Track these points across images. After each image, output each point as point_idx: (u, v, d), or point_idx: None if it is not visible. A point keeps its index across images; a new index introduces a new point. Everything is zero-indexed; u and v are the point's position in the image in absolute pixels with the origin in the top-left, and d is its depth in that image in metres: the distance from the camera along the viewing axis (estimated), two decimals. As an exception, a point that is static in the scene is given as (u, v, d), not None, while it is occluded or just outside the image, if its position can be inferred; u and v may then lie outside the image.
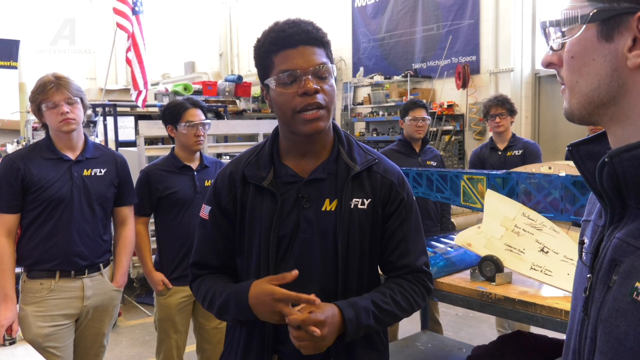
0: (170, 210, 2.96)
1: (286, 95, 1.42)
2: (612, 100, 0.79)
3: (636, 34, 0.74)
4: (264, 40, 1.46)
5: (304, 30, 1.42)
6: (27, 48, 9.57)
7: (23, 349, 2.35)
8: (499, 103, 4.11)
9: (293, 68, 1.41)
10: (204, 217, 1.62)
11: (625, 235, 0.77)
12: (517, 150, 4.13)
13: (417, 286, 1.56)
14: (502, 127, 4.13)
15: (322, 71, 1.43)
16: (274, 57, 1.43)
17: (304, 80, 1.40)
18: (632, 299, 0.73)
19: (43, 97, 2.44)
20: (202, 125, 2.95)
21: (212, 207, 1.60)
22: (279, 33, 1.43)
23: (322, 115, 1.43)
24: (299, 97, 1.41)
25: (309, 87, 1.40)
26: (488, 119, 4.20)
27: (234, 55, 13.34)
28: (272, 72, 1.44)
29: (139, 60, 5.84)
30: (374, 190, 1.55)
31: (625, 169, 0.75)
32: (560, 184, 2.26)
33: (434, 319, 4.02)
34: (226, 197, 1.57)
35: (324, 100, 1.43)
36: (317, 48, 1.44)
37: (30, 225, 2.50)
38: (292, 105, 1.42)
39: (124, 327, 5.01)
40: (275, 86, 1.43)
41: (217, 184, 1.61)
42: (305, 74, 1.40)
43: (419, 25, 9.02)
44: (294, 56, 1.41)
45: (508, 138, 4.19)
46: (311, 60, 1.42)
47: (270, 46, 1.44)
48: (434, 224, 3.94)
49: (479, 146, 4.50)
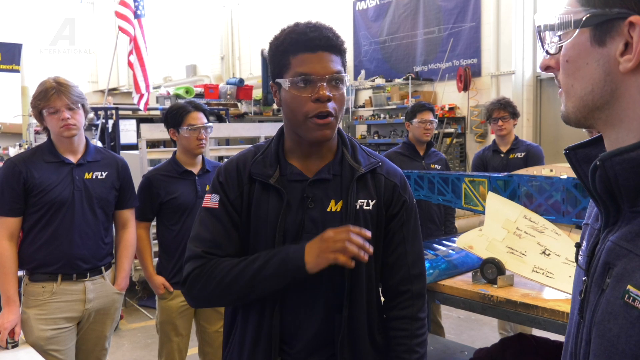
0: (172, 215, 2.96)
1: (300, 98, 1.42)
2: (606, 104, 0.80)
3: (627, 38, 0.75)
4: (284, 39, 1.45)
5: (325, 36, 1.43)
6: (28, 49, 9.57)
7: (25, 352, 2.35)
8: (501, 106, 4.10)
9: (310, 72, 1.41)
10: (212, 205, 1.54)
11: (618, 239, 0.78)
12: (519, 153, 4.11)
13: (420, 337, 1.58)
14: (504, 130, 4.12)
15: (336, 79, 1.44)
16: (292, 58, 1.43)
17: (318, 87, 1.41)
18: (623, 301, 0.73)
19: (44, 103, 2.45)
20: (204, 129, 2.96)
21: (220, 196, 1.54)
22: (300, 35, 1.43)
23: (331, 122, 1.44)
24: (311, 102, 1.42)
25: (323, 94, 1.40)
26: (491, 122, 4.20)
27: (236, 58, 13.36)
28: (288, 73, 1.44)
29: (141, 64, 5.85)
30: (378, 191, 1.56)
31: (617, 172, 0.76)
32: (562, 187, 2.26)
33: (436, 321, 4.01)
34: (234, 192, 1.53)
35: (334, 110, 1.44)
36: (334, 55, 1.45)
37: (32, 228, 2.50)
38: (304, 110, 1.42)
39: (126, 330, 5.01)
40: (289, 87, 1.44)
41: (225, 176, 1.56)
42: (321, 80, 1.41)
43: (420, 28, 9.03)
44: (311, 61, 1.42)
45: (511, 141, 4.18)
46: (328, 67, 1.42)
47: (289, 46, 1.44)
48: (437, 228, 3.93)
49: (482, 149, 4.50)
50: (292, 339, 1.52)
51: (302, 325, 1.51)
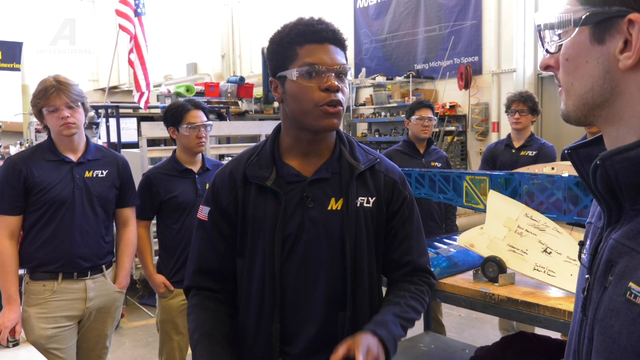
0: (172, 213, 2.96)
1: (309, 88, 1.42)
2: (606, 102, 0.80)
3: (627, 36, 0.76)
4: (290, 31, 1.45)
5: (332, 29, 1.45)
6: (28, 48, 9.58)
7: (26, 350, 2.35)
8: (521, 99, 4.02)
9: (319, 62, 1.42)
10: (203, 218, 1.59)
11: (620, 236, 0.78)
12: (531, 151, 4.02)
13: (423, 286, 1.61)
14: (520, 124, 4.02)
15: (342, 72, 1.45)
16: (299, 49, 1.43)
17: (327, 77, 1.42)
18: (625, 298, 0.74)
19: (44, 101, 2.44)
20: (204, 127, 2.95)
21: (211, 208, 1.58)
22: (308, 27, 1.44)
23: (340, 112, 1.45)
24: (321, 91, 1.42)
25: (333, 84, 1.41)
26: (508, 113, 4.10)
27: (236, 56, 13.36)
28: (294, 64, 1.43)
29: (141, 62, 5.85)
30: (378, 188, 1.56)
31: (618, 171, 0.76)
32: (563, 185, 2.26)
33: (437, 320, 4.01)
34: (227, 198, 1.55)
35: (342, 100, 1.45)
36: (339, 49, 1.47)
37: (32, 227, 2.50)
38: (314, 99, 1.42)
39: (127, 329, 5.01)
40: (296, 77, 1.43)
41: (216, 184, 1.59)
42: (329, 70, 1.42)
43: (421, 26, 9.02)
44: (320, 51, 1.43)
45: (525, 137, 4.09)
46: (335, 59, 1.44)
47: (296, 37, 1.44)
48: (437, 225, 3.93)
49: (495, 142, 4.45)
50: (294, 338, 1.52)
51: (303, 324, 1.51)
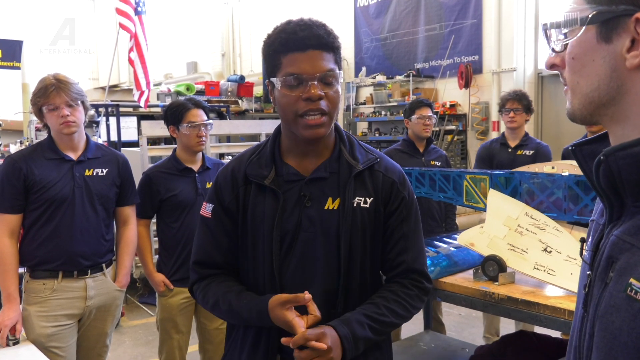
0: (172, 212, 2.96)
1: (290, 97, 1.42)
2: (612, 100, 0.80)
3: (634, 35, 0.76)
4: (275, 39, 1.45)
5: (315, 34, 1.42)
6: (28, 48, 9.58)
7: (26, 349, 2.36)
8: (516, 97, 4.00)
9: (299, 72, 1.41)
10: (207, 215, 1.60)
11: (622, 233, 0.79)
12: (528, 150, 4.01)
13: (412, 290, 1.57)
14: (515, 122, 4.01)
15: (328, 77, 1.43)
16: (282, 58, 1.43)
17: (309, 86, 1.40)
18: (626, 294, 0.74)
19: (44, 100, 2.44)
20: (204, 126, 2.95)
21: (214, 205, 1.59)
22: (290, 35, 1.42)
23: (324, 121, 1.44)
24: (302, 101, 1.41)
25: (313, 93, 1.40)
26: (503, 112, 4.08)
27: (237, 55, 13.35)
28: (279, 73, 1.44)
29: (142, 61, 5.85)
30: (376, 188, 1.55)
31: (621, 167, 0.76)
32: (564, 184, 2.26)
33: (437, 319, 4.01)
34: (229, 195, 1.57)
35: (327, 107, 1.43)
36: (326, 53, 1.44)
37: (32, 225, 2.50)
38: (294, 108, 1.42)
39: (127, 327, 5.01)
40: (280, 87, 1.44)
41: (219, 182, 1.60)
42: (311, 79, 1.41)
43: (421, 25, 9.01)
44: (301, 60, 1.41)
45: (520, 136, 4.08)
46: (318, 66, 1.41)
47: (279, 46, 1.43)
48: (437, 224, 3.92)
49: (489, 140, 4.42)
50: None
51: None
